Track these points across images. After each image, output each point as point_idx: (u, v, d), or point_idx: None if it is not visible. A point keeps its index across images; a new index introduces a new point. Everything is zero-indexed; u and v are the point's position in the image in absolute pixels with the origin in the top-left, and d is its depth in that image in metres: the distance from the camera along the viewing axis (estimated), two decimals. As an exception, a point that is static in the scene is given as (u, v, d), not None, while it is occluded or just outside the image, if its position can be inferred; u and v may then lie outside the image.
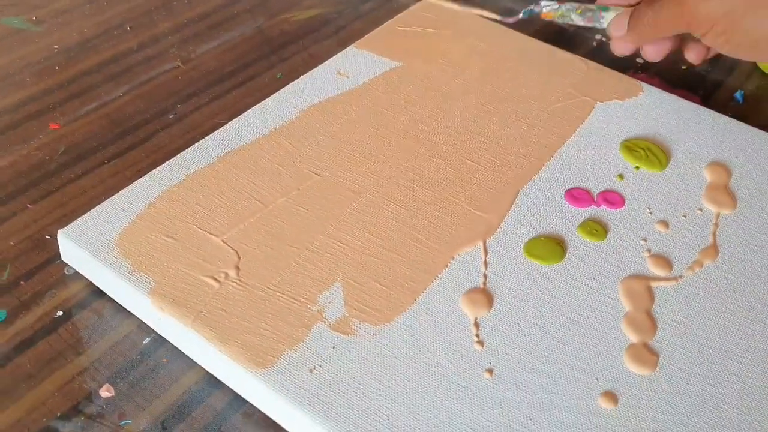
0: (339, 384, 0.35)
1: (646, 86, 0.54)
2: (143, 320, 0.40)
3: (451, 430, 0.33)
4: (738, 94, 0.60)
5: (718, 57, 0.57)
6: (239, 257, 0.40)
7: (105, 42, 0.59)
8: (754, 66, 0.63)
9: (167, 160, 0.45)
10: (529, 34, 0.59)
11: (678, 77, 0.61)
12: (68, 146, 0.50)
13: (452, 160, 0.47)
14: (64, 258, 0.42)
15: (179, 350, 0.39)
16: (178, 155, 0.46)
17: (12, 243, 0.43)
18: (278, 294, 0.38)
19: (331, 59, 0.54)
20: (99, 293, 0.41)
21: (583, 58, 0.57)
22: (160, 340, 0.39)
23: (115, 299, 0.40)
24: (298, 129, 0.48)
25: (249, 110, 0.49)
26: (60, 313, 0.40)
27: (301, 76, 0.52)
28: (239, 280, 0.39)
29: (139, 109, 0.53)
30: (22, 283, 0.41)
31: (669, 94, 0.54)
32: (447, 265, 0.41)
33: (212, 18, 0.62)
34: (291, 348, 0.36)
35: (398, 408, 0.34)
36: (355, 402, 0.34)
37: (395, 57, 0.55)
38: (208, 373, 0.38)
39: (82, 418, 0.36)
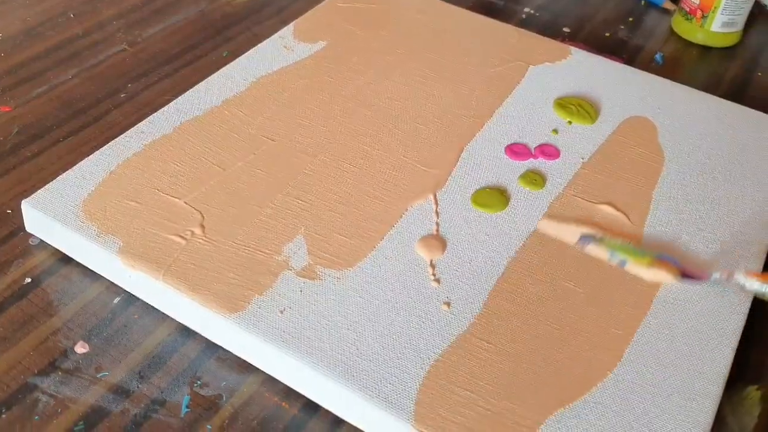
0: (308, 322, 0.37)
1: (574, 49, 0.58)
2: (112, 281, 0.41)
3: (414, 354, 0.36)
4: (658, 56, 0.64)
5: (638, 23, 0.61)
6: (203, 216, 0.42)
7: (50, 29, 0.60)
8: (671, 31, 0.68)
9: (123, 134, 0.47)
10: (465, 8, 0.62)
11: (603, 43, 0.65)
12: (22, 127, 0.51)
13: (400, 123, 0.50)
14: (28, 229, 0.43)
15: (150, 306, 0.40)
16: (135, 127, 0.47)
17: (-26, 218, 0.44)
18: (244, 247, 0.40)
19: (276, 34, 0.56)
20: (66, 260, 0.42)
21: (516, 27, 0.60)
22: (130, 299, 0.41)
23: (83, 264, 0.42)
24: (250, 99, 0.50)
25: (201, 83, 0.51)
26: (28, 280, 0.41)
27: (249, 51, 0.54)
28: (205, 237, 0.41)
29: (89, 90, 0.54)
30: (-13, 254, 0.42)
31: (595, 55, 0.58)
32: (401, 216, 0.43)
33: (156, 3, 0.63)
34: (260, 294, 0.38)
35: (365, 339, 0.36)
36: (325, 336, 0.36)
37: (339, 31, 0.57)
38: (180, 325, 0.39)
39: (60, 373, 0.37)
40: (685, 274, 0.40)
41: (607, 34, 0.67)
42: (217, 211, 0.42)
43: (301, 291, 0.38)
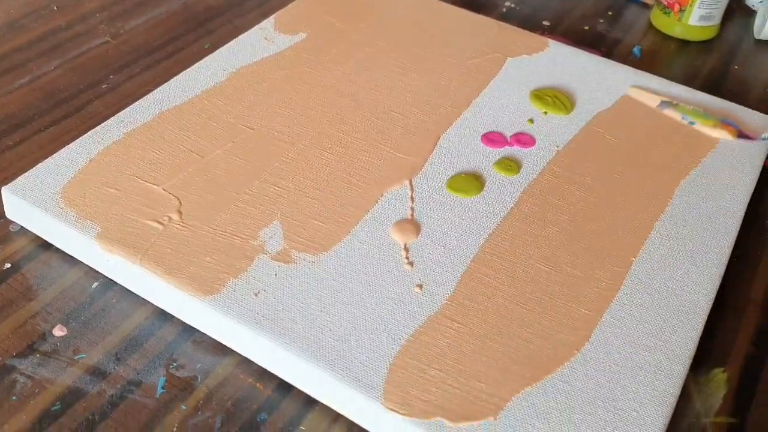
0: (283, 304, 0.38)
1: (552, 42, 0.59)
2: (91, 266, 0.42)
3: (386, 335, 0.37)
4: (636, 49, 0.65)
5: (618, 17, 0.62)
6: (180, 203, 0.42)
7: (33, 22, 0.60)
8: (650, 25, 0.69)
9: (104, 122, 0.47)
10: (446, 2, 0.63)
11: (582, 36, 0.66)
12: (3, 117, 0.51)
13: (378, 112, 0.50)
14: (8, 215, 0.44)
15: (127, 291, 0.41)
16: (115, 116, 0.48)
17: (-45, 205, 0.44)
18: (220, 232, 0.41)
19: (257, 26, 0.57)
20: (46, 246, 0.43)
21: (495, 20, 0.61)
22: (108, 284, 0.41)
23: (62, 250, 0.42)
24: (229, 89, 0.51)
25: (181, 73, 0.52)
26: (8, 265, 0.42)
27: (229, 42, 0.55)
28: (182, 222, 0.41)
29: (71, 81, 0.55)
30: (-32, 240, 0.43)
31: (572, 47, 0.59)
32: (377, 201, 0.44)
33: (138, -4, 0.64)
34: (235, 277, 0.39)
35: (337, 320, 0.37)
36: (298, 318, 0.37)
37: (319, 23, 0.58)
38: (158, 309, 0.40)
39: (38, 355, 0.38)
40: (741, 134, 0.50)
41: (586, 28, 0.67)
42: (195, 198, 0.43)
43: (275, 274, 0.39)
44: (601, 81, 0.55)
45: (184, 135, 0.47)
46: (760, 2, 0.71)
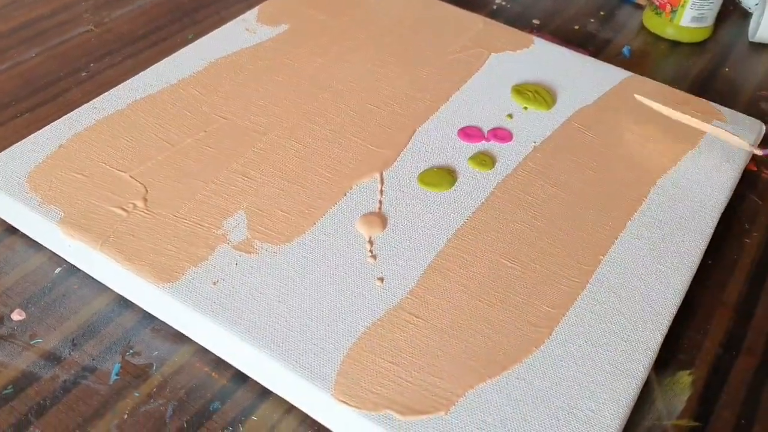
0: (240, 294, 0.37)
1: (537, 39, 0.58)
2: (55, 252, 0.41)
3: (342, 327, 0.36)
4: (625, 50, 0.64)
5: (610, 17, 0.61)
6: (147, 190, 0.42)
7: (16, 10, 0.60)
8: (642, 26, 0.68)
9: (78, 108, 0.47)
10: (430, -4, 0.63)
11: (571, 35, 0.65)
12: (-19, 102, 0.51)
13: (354, 105, 0.50)
14: (-24, 199, 0.43)
15: (90, 278, 0.41)
16: (89, 103, 0.48)
17: (-76, 188, 0.44)
18: (184, 221, 0.41)
19: (240, 17, 0.57)
20: (12, 230, 0.43)
21: (481, 16, 0.60)
22: (71, 270, 0.41)
23: (27, 235, 0.42)
24: (206, 78, 0.50)
25: (159, 62, 0.51)
26: (-28, 249, 0.42)
27: (210, 33, 0.55)
28: (147, 210, 0.41)
29: (51, 69, 0.55)
30: (-66, 223, 0.43)
31: (557, 45, 0.58)
32: (345, 194, 0.44)
33: (126, -14, 0.64)
34: (195, 265, 0.38)
35: (295, 312, 0.37)
36: (255, 308, 0.37)
37: (302, 16, 0.57)
38: (118, 296, 0.40)
39: (-6, 338, 0.37)
40: None
41: (576, 27, 0.67)
42: (162, 185, 0.42)
43: (236, 264, 0.39)
44: (585, 78, 0.55)
45: (157, 123, 0.47)
46: (756, 4, 0.70)
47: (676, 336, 0.41)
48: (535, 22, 0.67)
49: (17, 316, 0.38)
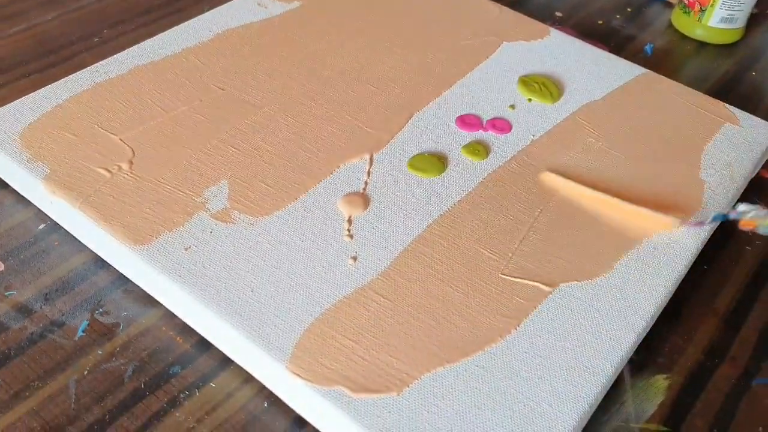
0: (211, 262, 0.37)
1: (553, 30, 0.57)
2: (41, 209, 0.42)
3: (307, 301, 0.36)
4: (648, 47, 0.63)
5: (637, 14, 0.60)
6: (134, 153, 0.42)
7: (42, -27, 0.61)
8: (670, 24, 0.66)
9: (82, 73, 0.48)
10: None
11: (593, 30, 0.64)
12: (-8, 60, 0.52)
13: (354, 85, 0.50)
14: (-28, 152, 0.44)
15: (71, 236, 0.41)
16: (91, 66, 0.48)
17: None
18: (166, 186, 0.41)
19: (253, -8, 0.57)
20: (2, 185, 0.43)
21: (498, 4, 0.59)
22: (54, 227, 0.42)
23: (16, 190, 0.43)
24: (210, 49, 0.51)
25: (167, 31, 0.52)
26: (-37, 200, 0.42)
27: (222, 5, 0.55)
28: (131, 173, 0.41)
29: (65, 32, 0.55)
30: (-71, 172, 0.44)
31: (573, 38, 0.57)
32: (332, 173, 0.43)
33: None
34: (170, 230, 0.39)
35: (263, 284, 0.37)
36: (223, 276, 0.37)
37: (315, -7, 0.57)
38: (96, 256, 0.40)
39: (-30, 288, 0.38)
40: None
41: (600, 22, 0.65)
42: (149, 150, 0.43)
43: (211, 232, 0.39)
44: (597, 73, 0.53)
45: (154, 89, 0.47)
46: (792, 9, 0.67)
47: (658, 339, 0.40)
48: (558, 14, 0.65)
49: (-5, 267, 0.39)
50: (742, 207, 0.38)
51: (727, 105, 0.52)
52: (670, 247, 0.41)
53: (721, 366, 0.39)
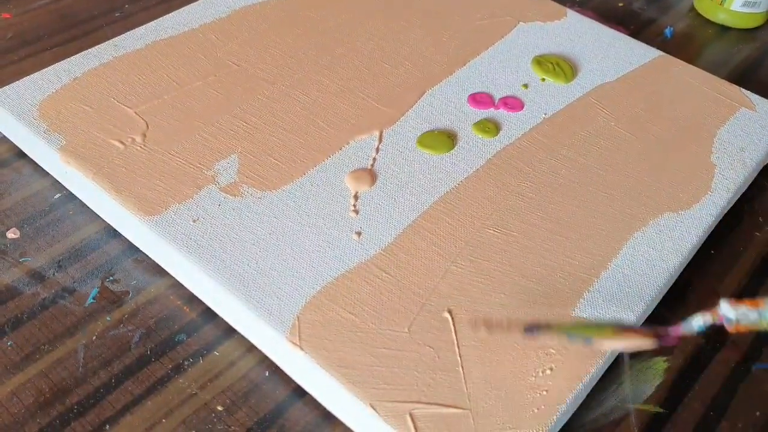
0: (217, 234, 0.38)
1: (570, 12, 0.57)
2: (57, 179, 0.43)
3: (310, 274, 0.37)
4: (667, 30, 0.62)
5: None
6: (148, 126, 0.43)
7: (67, -52, 0.62)
8: (692, 8, 0.65)
9: (100, 45, 0.49)
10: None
11: (613, 12, 0.63)
12: (15, 33, 0.53)
13: (368, 62, 0.50)
14: (-7, 122, 0.46)
15: (85, 206, 0.42)
16: (110, 40, 0.49)
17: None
18: (177, 159, 0.42)
19: (271, -31, 0.57)
20: (21, 155, 0.45)
21: (516, -16, 0.59)
22: (70, 197, 0.43)
23: (34, 160, 0.44)
24: (227, 25, 0.51)
25: (185, 7, 0.52)
26: (-17, 168, 0.44)
27: (239, -18, 0.55)
28: (144, 145, 0.42)
29: (87, 7, 0.56)
30: (-49, 141, 0.45)
31: (590, 19, 0.57)
32: (341, 148, 0.44)
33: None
34: (180, 202, 0.39)
35: (268, 256, 0.37)
36: (229, 248, 0.37)
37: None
38: (109, 226, 0.41)
39: (-13, 253, 0.39)
40: (658, 334, 0.32)
41: (621, 4, 0.65)
42: (163, 123, 0.44)
43: (219, 205, 0.40)
44: (613, 54, 0.53)
45: (170, 64, 0.48)
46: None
47: (661, 321, 0.40)
48: (578, -5, 0.65)
49: (12, 234, 0.40)
50: (729, 313, 0.31)
51: (743, 90, 0.51)
52: (681, 231, 0.41)
53: (722, 351, 0.39)
